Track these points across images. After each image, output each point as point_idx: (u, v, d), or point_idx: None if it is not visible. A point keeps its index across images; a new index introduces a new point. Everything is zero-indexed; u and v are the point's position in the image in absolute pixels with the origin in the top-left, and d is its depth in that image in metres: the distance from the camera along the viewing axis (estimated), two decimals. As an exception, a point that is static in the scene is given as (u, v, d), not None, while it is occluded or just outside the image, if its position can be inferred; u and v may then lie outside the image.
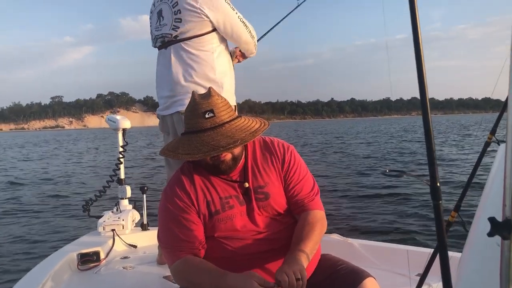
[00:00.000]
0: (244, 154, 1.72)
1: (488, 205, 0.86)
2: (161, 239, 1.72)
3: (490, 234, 0.71)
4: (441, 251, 1.05)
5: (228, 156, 1.61)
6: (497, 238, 0.72)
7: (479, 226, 0.88)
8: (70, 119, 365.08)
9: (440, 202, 1.09)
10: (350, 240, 2.89)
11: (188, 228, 1.62)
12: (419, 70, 1.09)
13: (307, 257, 1.54)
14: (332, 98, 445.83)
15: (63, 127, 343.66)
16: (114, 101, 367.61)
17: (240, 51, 2.77)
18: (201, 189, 1.67)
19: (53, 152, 31.50)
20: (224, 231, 1.63)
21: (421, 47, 1.09)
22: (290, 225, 1.71)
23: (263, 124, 1.67)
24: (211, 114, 1.56)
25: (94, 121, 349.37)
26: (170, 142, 1.79)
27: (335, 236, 2.92)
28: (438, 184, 1.10)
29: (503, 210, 0.70)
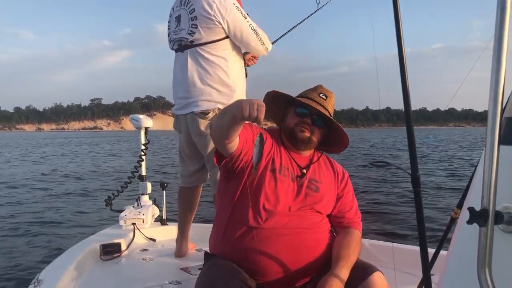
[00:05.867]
0: (313, 152, 1.97)
1: (473, 198, 0.93)
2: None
3: (469, 222, 0.79)
4: (419, 229, 1.15)
5: (307, 133, 1.86)
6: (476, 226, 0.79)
7: (465, 217, 0.97)
8: (108, 121, 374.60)
9: (420, 189, 1.24)
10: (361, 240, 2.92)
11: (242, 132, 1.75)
12: (402, 73, 1.21)
13: (345, 277, 1.67)
14: (367, 107, 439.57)
15: (101, 128, 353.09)
16: (151, 105, 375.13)
17: (249, 55, 2.89)
18: (272, 145, 1.89)
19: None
20: (268, 188, 1.78)
21: (404, 61, 1.21)
22: (318, 223, 1.84)
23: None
24: (324, 97, 1.90)
25: (131, 124, 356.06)
26: None
27: None
28: (418, 174, 1.25)
29: (481, 201, 0.78)
